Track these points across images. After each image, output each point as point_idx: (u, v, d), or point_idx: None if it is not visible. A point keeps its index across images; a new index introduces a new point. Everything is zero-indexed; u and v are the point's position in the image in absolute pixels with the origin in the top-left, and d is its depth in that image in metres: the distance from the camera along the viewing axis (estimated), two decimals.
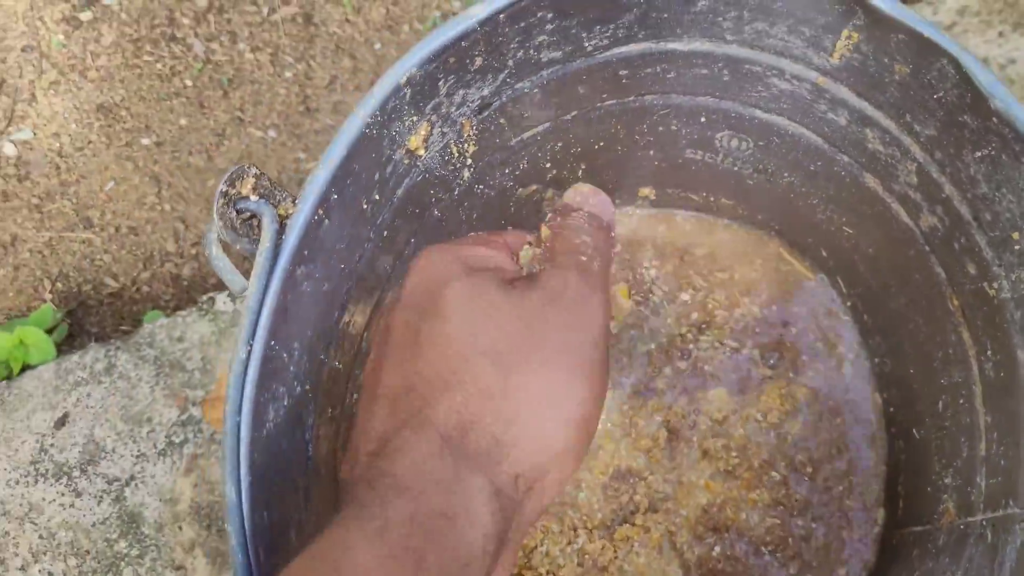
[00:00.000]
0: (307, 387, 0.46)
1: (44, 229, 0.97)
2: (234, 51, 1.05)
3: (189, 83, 1.03)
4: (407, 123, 0.48)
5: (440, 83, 0.48)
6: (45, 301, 0.93)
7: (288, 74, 1.04)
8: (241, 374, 0.40)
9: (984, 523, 0.48)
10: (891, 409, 0.62)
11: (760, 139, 0.59)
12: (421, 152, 0.50)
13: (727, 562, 0.60)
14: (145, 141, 1.01)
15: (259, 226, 0.42)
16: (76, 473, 0.81)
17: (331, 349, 0.49)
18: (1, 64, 1.04)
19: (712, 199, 0.66)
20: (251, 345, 0.41)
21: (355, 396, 0.54)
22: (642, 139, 0.61)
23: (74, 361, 0.85)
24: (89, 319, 0.95)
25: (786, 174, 0.60)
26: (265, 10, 1.06)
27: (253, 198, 0.42)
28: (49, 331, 0.89)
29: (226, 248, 0.43)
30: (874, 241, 0.58)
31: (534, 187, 0.62)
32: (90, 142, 1.01)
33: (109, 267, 0.96)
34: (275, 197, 0.43)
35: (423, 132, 0.49)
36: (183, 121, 1.03)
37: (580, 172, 0.63)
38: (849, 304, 0.64)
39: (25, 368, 0.86)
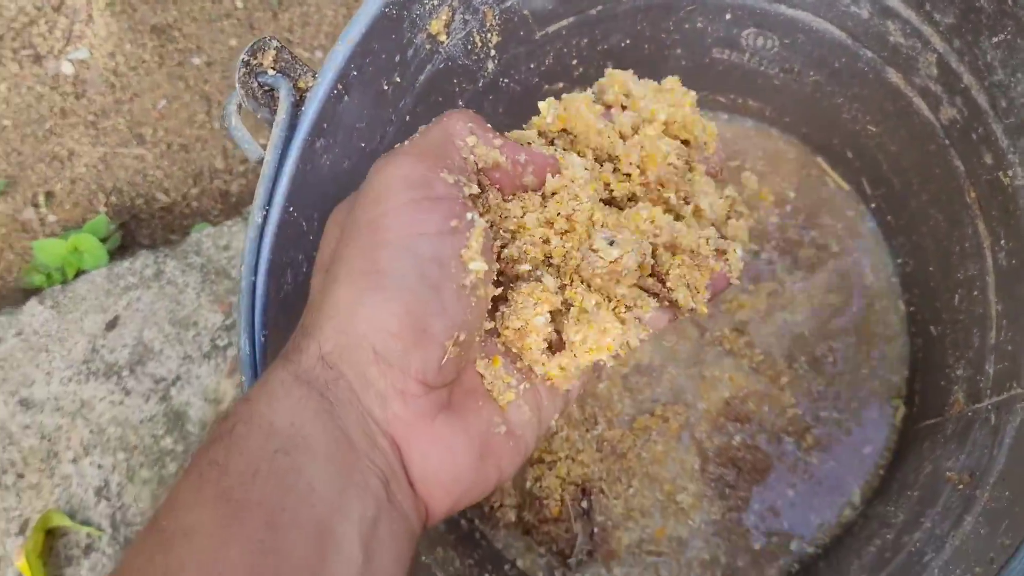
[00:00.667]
0: None
1: (99, 145, 1.00)
2: None
3: (240, 5, 1.06)
4: (428, 6, 0.49)
5: None
6: (100, 213, 0.97)
7: None
8: (256, 238, 0.42)
9: (990, 407, 0.49)
10: (911, 308, 0.62)
11: (785, 36, 0.59)
12: (443, 38, 0.52)
13: (747, 450, 0.61)
14: (196, 61, 1.04)
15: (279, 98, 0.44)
16: (125, 372, 0.85)
17: None
18: None
19: (740, 101, 0.66)
20: (267, 210, 0.43)
21: None
22: (668, 37, 0.61)
23: (125, 267, 0.89)
24: (141, 231, 0.98)
25: (811, 72, 0.60)
26: None
27: (272, 71, 0.43)
28: (103, 240, 0.92)
29: (249, 119, 0.45)
30: (897, 138, 0.58)
31: (561, 84, 0.63)
32: (144, 61, 1.03)
33: (160, 182, 1.00)
34: (296, 71, 0.45)
35: (444, 17, 0.51)
36: (233, 42, 1.05)
37: (606, 71, 0.63)
38: (873, 206, 0.64)
39: (79, 274, 0.90)
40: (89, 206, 0.99)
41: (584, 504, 0.61)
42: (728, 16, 0.59)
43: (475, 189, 0.37)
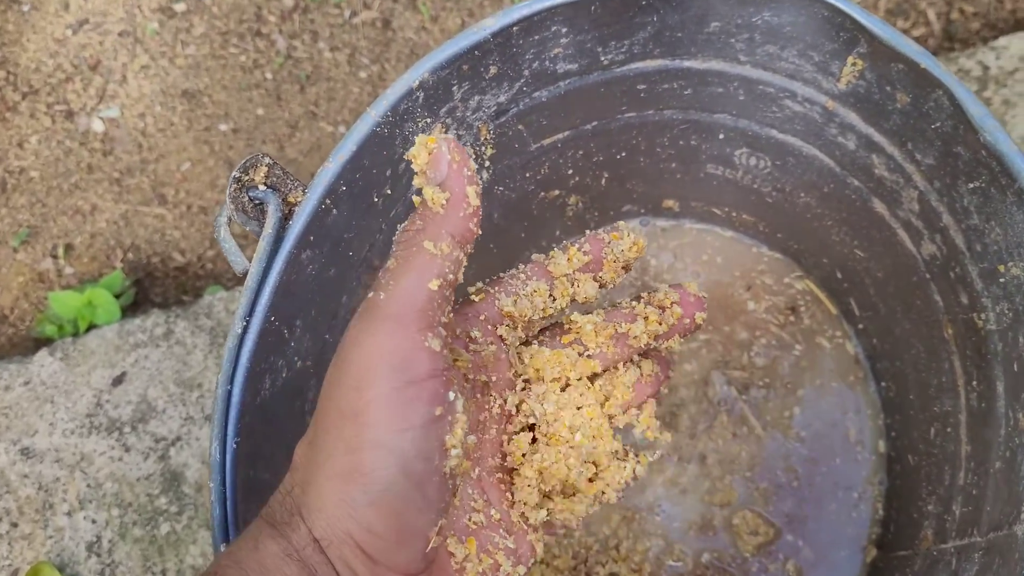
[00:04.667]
0: (308, 363, 0.50)
1: (122, 202, 1.03)
2: (314, 49, 1.10)
3: (269, 76, 1.09)
4: (420, 124, 0.51)
5: (454, 88, 0.51)
6: (116, 268, 1.00)
7: (363, 74, 1.09)
8: (235, 348, 0.44)
9: (952, 550, 0.49)
10: (892, 434, 0.62)
11: (777, 158, 0.60)
12: None
13: (714, 570, 0.62)
14: (223, 127, 1.07)
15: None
16: (127, 429, 0.86)
17: (336, 330, 0.52)
18: (99, 46, 1.11)
19: (735, 214, 0.67)
20: (247, 321, 0.44)
21: None
22: (663, 152, 0.63)
23: (136, 324, 0.91)
24: (155, 289, 1.01)
25: (802, 194, 0.62)
26: (347, 13, 1.11)
27: (262, 187, 0.45)
28: (117, 296, 0.95)
29: (242, 233, 0.47)
30: (883, 265, 0.59)
31: (556, 192, 0.64)
32: (172, 124, 1.07)
33: (178, 242, 1.02)
34: (286, 186, 0.47)
35: (438, 133, 0.52)
36: (260, 111, 1.08)
37: (603, 180, 0.65)
38: (860, 327, 0.65)
39: (91, 327, 0.92)
40: (106, 261, 1.02)
41: None
42: (721, 136, 0.60)
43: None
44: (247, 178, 0.45)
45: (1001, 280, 0.47)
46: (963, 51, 0.93)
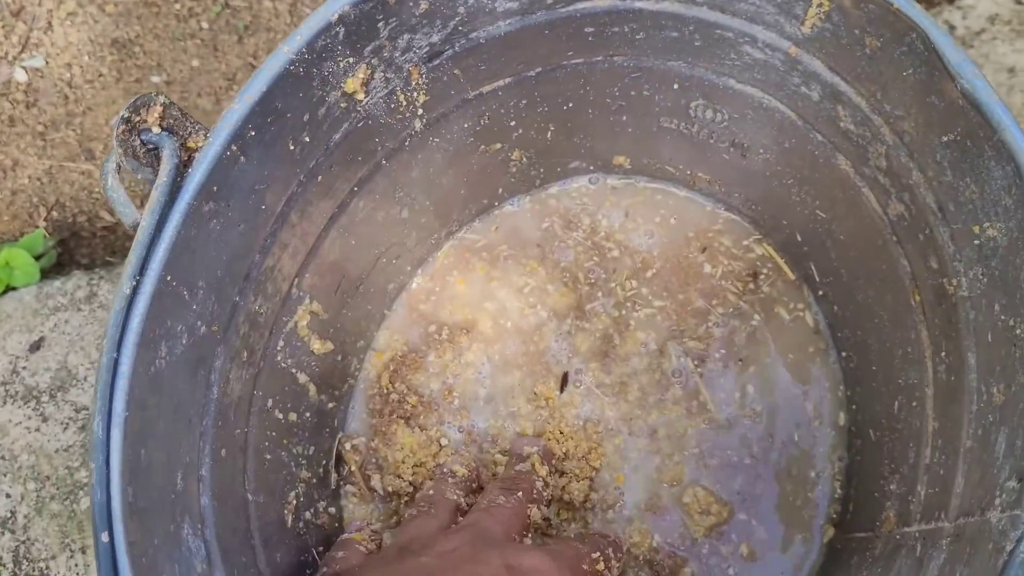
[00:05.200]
0: (214, 328, 0.45)
1: (45, 157, 0.97)
2: None
3: (205, 25, 1.02)
4: (342, 64, 0.46)
5: (380, 25, 0.46)
6: (39, 227, 0.93)
7: None
8: (122, 311, 0.39)
9: (917, 535, 0.45)
10: (853, 407, 0.59)
11: (735, 111, 0.56)
12: (361, 96, 0.48)
13: (665, 553, 0.58)
14: (155, 79, 1.00)
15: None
16: (45, 398, 0.81)
17: (248, 292, 0.47)
18: None
19: (689, 172, 0.63)
20: (136, 280, 0.39)
21: (281, 344, 0.52)
22: (613, 103, 0.58)
23: (56, 286, 0.85)
24: (80, 250, 0.95)
25: (761, 150, 0.57)
26: None
27: (155, 129, 0.40)
28: (38, 257, 0.89)
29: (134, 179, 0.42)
30: (845, 228, 0.55)
31: (499, 145, 0.59)
32: (101, 75, 1.00)
33: (106, 201, 0.96)
34: (186, 129, 0.42)
35: (361, 75, 0.47)
36: (195, 63, 1.02)
37: (549, 134, 0.60)
38: (821, 293, 0.61)
39: (8, 290, 0.86)
40: (28, 220, 0.96)
41: None
42: (676, 86, 0.56)
43: None
44: (139, 119, 0.40)
45: (976, 242, 0.43)
46: (929, 10, 0.89)
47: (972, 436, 0.42)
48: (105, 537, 0.36)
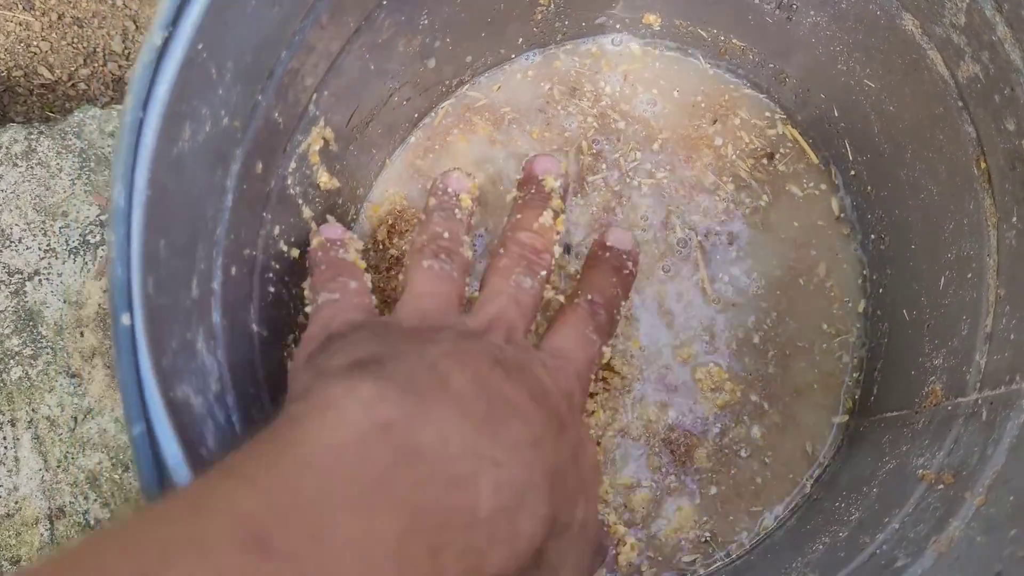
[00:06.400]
0: (236, 123, 0.39)
1: None
2: None
3: None
4: None
5: None
6: None
7: None
8: (151, 63, 0.33)
9: (979, 401, 0.43)
10: (880, 290, 0.56)
11: None
12: None
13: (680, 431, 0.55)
14: None
15: None
16: None
17: (271, 92, 0.41)
18: None
19: (723, 38, 0.59)
20: (169, 31, 0.33)
21: (292, 166, 0.46)
22: None
23: None
24: (15, 107, 0.86)
25: (812, 12, 0.54)
26: None
27: None
28: None
29: None
30: (899, 97, 0.52)
31: None
32: None
33: (45, 56, 0.87)
34: None
35: None
36: None
37: None
38: (852, 174, 0.58)
39: None
40: None
41: None
42: None
43: None
44: None
45: None
46: None
47: None
48: (126, 319, 0.30)
